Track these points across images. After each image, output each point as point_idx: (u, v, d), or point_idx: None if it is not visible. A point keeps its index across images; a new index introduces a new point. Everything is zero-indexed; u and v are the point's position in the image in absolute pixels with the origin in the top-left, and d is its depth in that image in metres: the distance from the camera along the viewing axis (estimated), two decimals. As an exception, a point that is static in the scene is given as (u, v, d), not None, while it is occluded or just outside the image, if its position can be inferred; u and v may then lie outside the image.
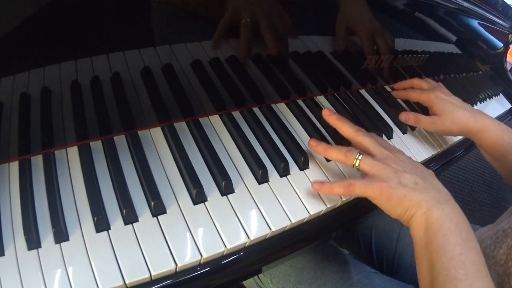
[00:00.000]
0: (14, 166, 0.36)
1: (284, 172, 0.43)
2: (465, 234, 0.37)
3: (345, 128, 0.46)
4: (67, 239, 0.32)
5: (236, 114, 0.48)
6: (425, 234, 0.38)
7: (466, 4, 0.69)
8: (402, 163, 0.41)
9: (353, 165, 0.42)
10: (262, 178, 0.41)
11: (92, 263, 0.31)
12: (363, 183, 0.40)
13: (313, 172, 0.45)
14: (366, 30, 0.57)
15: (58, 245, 0.32)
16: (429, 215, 0.38)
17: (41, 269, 0.30)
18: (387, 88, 0.68)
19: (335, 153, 0.43)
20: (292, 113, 0.52)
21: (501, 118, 0.96)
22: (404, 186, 0.39)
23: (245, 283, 0.64)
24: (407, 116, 0.58)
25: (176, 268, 0.33)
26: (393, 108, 0.63)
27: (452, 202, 0.39)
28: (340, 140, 0.50)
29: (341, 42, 0.57)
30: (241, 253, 0.37)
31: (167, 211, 0.36)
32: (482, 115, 0.55)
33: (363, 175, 0.43)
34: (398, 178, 0.40)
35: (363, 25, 0.56)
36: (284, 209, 0.40)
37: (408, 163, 0.42)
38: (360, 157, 0.41)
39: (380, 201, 0.40)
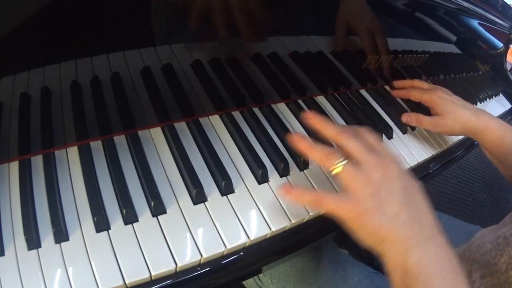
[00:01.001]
0: (14, 166, 0.36)
1: (284, 172, 0.43)
2: (451, 277, 0.32)
3: (328, 130, 0.39)
4: (67, 239, 0.32)
5: (236, 114, 0.48)
6: (403, 278, 0.32)
7: (466, 4, 0.69)
8: (391, 180, 0.35)
9: (332, 170, 0.36)
10: (262, 178, 0.41)
11: (92, 263, 0.31)
12: (335, 200, 0.35)
13: (312, 172, 0.45)
14: (366, 29, 0.57)
15: (58, 245, 0.32)
16: (407, 257, 0.32)
17: (41, 269, 0.30)
18: (387, 88, 0.68)
19: (318, 152, 0.37)
20: (292, 113, 0.52)
21: (501, 118, 0.96)
22: (383, 214, 0.33)
23: (245, 283, 0.64)
24: (408, 118, 0.58)
25: (176, 268, 0.33)
26: (393, 108, 0.63)
27: (437, 238, 0.34)
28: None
29: (340, 41, 0.56)
30: (241, 253, 0.37)
31: (167, 211, 0.36)
32: (484, 114, 0.55)
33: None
34: (380, 202, 0.33)
35: (364, 24, 0.56)
36: (284, 209, 0.40)
37: (397, 180, 0.35)
38: (343, 162, 0.35)
39: (350, 225, 0.34)
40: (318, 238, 0.45)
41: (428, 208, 0.36)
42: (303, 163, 0.44)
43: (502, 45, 1.00)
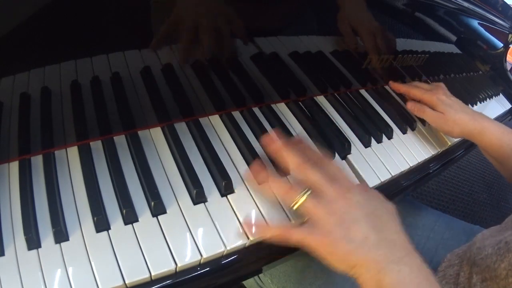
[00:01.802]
0: (14, 166, 0.36)
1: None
2: None
3: (289, 159, 0.38)
4: (67, 239, 0.32)
5: (236, 114, 0.48)
6: None
7: (466, 4, 0.69)
8: (354, 209, 0.35)
9: (294, 205, 0.36)
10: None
11: (92, 263, 0.31)
12: (302, 232, 0.35)
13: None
14: (367, 30, 0.57)
15: (58, 245, 0.32)
16: (381, 278, 0.32)
17: (41, 269, 0.30)
18: (387, 88, 0.68)
19: (278, 187, 0.38)
20: (292, 113, 0.52)
21: (501, 118, 0.96)
22: (350, 241, 0.33)
23: (245, 283, 0.64)
24: (413, 106, 0.59)
25: (176, 268, 0.33)
26: (393, 108, 0.63)
27: (409, 258, 0.34)
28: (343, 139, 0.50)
29: (350, 41, 0.57)
30: (241, 253, 0.37)
31: (167, 211, 0.36)
32: (482, 117, 0.56)
33: None
34: (345, 230, 0.34)
35: (364, 25, 0.57)
36: (284, 209, 0.40)
37: (361, 207, 0.35)
38: (304, 197, 0.35)
39: (320, 254, 0.34)
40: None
41: (399, 230, 0.36)
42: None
43: (502, 45, 1.00)
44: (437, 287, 0.33)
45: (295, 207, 0.36)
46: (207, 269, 0.35)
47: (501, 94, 1.04)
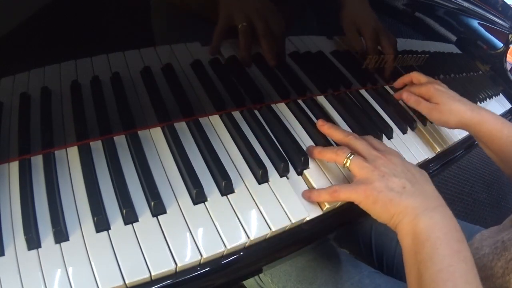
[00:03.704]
0: (14, 166, 0.36)
1: (284, 172, 0.43)
2: (455, 244, 0.35)
3: (336, 134, 0.46)
4: (67, 239, 0.32)
5: (236, 114, 0.48)
6: (413, 243, 0.36)
7: (466, 4, 0.69)
8: (393, 166, 0.41)
9: (344, 164, 0.42)
10: (262, 178, 0.41)
11: (92, 263, 0.31)
12: (348, 188, 0.40)
13: (313, 172, 0.45)
14: (371, 30, 0.57)
15: (58, 245, 0.32)
16: (416, 223, 0.37)
17: (41, 269, 0.30)
18: (387, 88, 0.68)
19: (329, 153, 0.44)
20: (292, 113, 0.52)
21: (501, 118, 0.96)
22: (391, 190, 0.38)
23: (245, 283, 0.64)
24: (409, 96, 0.59)
25: (176, 268, 0.33)
26: (393, 108, 0.63)
27: (443, 209, 0.38)
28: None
29: (354, 41, 0.57)
30: (241, 253, 0.37)
31: (167, 211, 0.36)
32: (479, 108, 0.54)
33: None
34: (386, 181, 0.39)
35: (369, 24, 0.56)
36: (284, 209, 0.40)
37: (399, 165, 0.41)
38: (351, 157, 0.42)
39: (366, 205, 0.39)
40: (318, 238, 0.45)
41: (432, 185, 0.41)
42: (303, 163, 0.44)
43: (502, 45, 1.00)
44: (462, 237, 0.36)
45: (347, 164, 0.42)
46: (207, 269, 0.35)
47: (501, 94, 1.05)
